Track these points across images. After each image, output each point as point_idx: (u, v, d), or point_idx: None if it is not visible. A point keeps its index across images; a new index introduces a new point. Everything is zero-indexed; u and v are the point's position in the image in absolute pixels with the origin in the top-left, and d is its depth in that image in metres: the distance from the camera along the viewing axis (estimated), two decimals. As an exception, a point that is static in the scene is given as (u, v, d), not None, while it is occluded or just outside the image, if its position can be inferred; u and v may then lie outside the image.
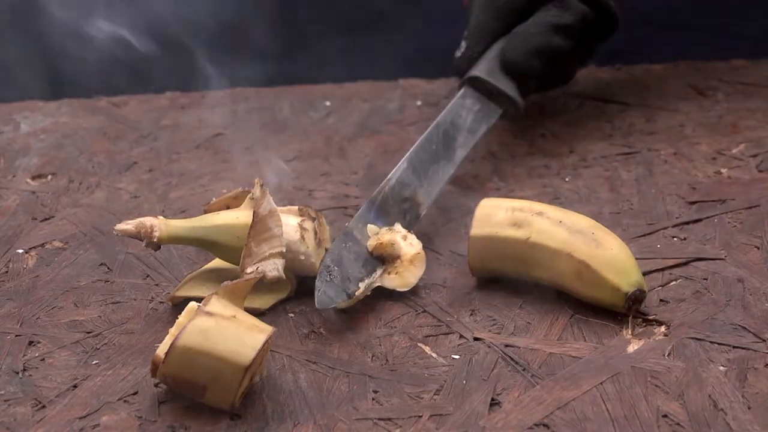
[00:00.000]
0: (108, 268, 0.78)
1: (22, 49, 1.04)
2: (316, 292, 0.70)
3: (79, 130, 0.98)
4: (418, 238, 0.76)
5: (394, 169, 0.80)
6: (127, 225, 0.71)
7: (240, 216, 0.73)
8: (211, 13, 0.97)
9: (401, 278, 0.74)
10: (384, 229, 0.76)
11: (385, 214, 0.78)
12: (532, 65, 0.88)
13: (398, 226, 0.77)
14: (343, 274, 0.72)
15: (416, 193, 0.80)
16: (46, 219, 0.84)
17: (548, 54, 0.88)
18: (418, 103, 1.01)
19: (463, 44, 0.90)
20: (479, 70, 0.88)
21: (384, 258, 0.75)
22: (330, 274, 0.72)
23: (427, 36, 1.12)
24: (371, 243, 0.75)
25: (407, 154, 0.82)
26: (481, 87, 0.88)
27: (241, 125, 0.98)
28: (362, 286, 0.72)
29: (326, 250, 0.74)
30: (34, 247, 0.80)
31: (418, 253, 0.75)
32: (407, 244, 0.75)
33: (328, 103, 1.02)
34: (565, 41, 0.88)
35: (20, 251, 0.80)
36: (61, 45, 0.96)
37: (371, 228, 0.76)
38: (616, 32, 0.92)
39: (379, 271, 0.74)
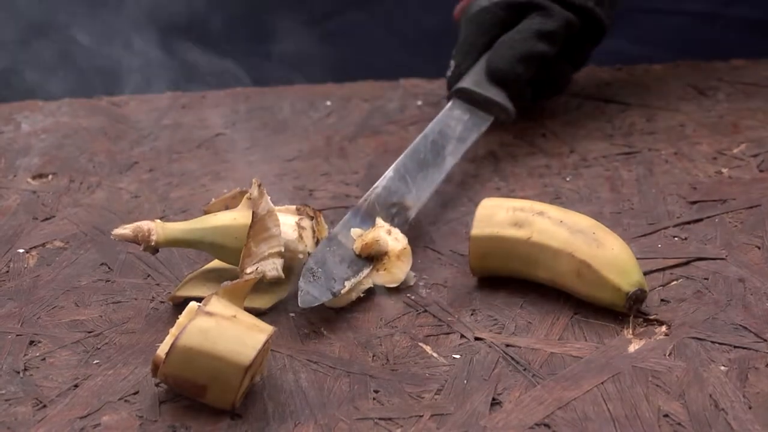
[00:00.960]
0: (109, 268, 0.78)
1: (23, 49, 1.04)
2: (299, 293, 0.70)
3: (80, 130, 0.98)
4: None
5: (379, 180, 0.80)
6: (125, 230, 0.71)
7: (237, 217, 0.73)
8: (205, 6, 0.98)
9: (389, 274, 0.74)
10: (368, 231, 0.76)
11: (371, 219, 0.77)
12: (518, 71, 0.88)
13: (380, 221, 0.77)
14: (327, 274, 0.72)
15: (404, 199, 0.80)
16: (46, 219, 0.84)
17: (533, 60, 0.89)
18: (419, 102, 1.01)
19: (452, 63, 0.91)
20: (466, 82, 0.89)
21: (372, 257, 0.75)
22: (313, 276, 0.71)
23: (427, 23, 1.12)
24: (357, 245, 0.75)
25: (393, 164, 0.82)
26: (469, 98, 0.88)
27: (241, 125, 0.98)
28: (348, 284, 0.72)
29: (308, 254, 0.73)
30: (34, 247, 0.80)
31: (405, 248, 0.75)
32: (393, 239, 0.75)
33: (328, 103, 1.02)
34: (549, 47, 0.89)
35: (21, 251, 0.80)
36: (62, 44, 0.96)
37: (355, 231, 0.76)
38: (605, 37, 0.93)
39: (366, 270, 0.74)
